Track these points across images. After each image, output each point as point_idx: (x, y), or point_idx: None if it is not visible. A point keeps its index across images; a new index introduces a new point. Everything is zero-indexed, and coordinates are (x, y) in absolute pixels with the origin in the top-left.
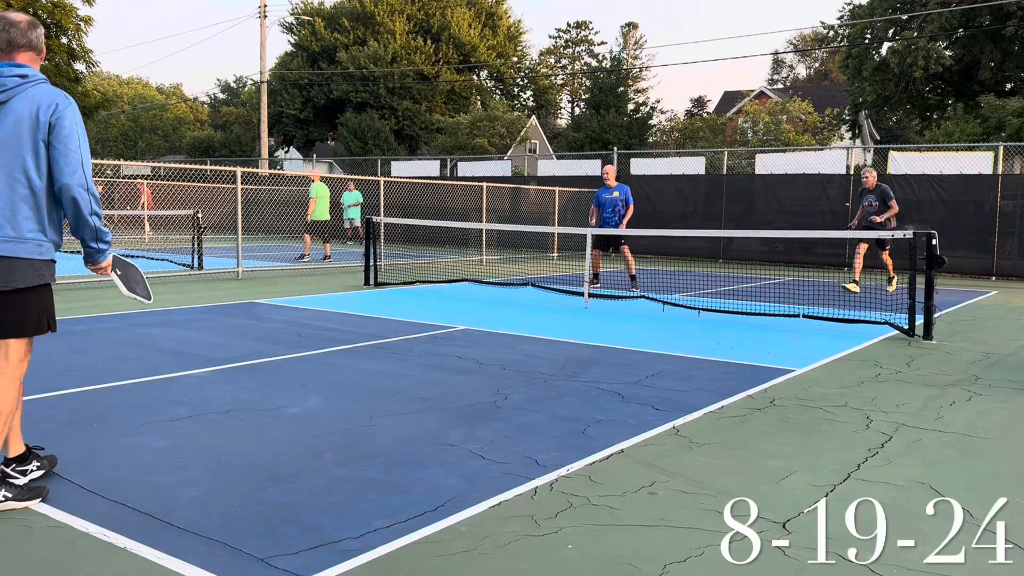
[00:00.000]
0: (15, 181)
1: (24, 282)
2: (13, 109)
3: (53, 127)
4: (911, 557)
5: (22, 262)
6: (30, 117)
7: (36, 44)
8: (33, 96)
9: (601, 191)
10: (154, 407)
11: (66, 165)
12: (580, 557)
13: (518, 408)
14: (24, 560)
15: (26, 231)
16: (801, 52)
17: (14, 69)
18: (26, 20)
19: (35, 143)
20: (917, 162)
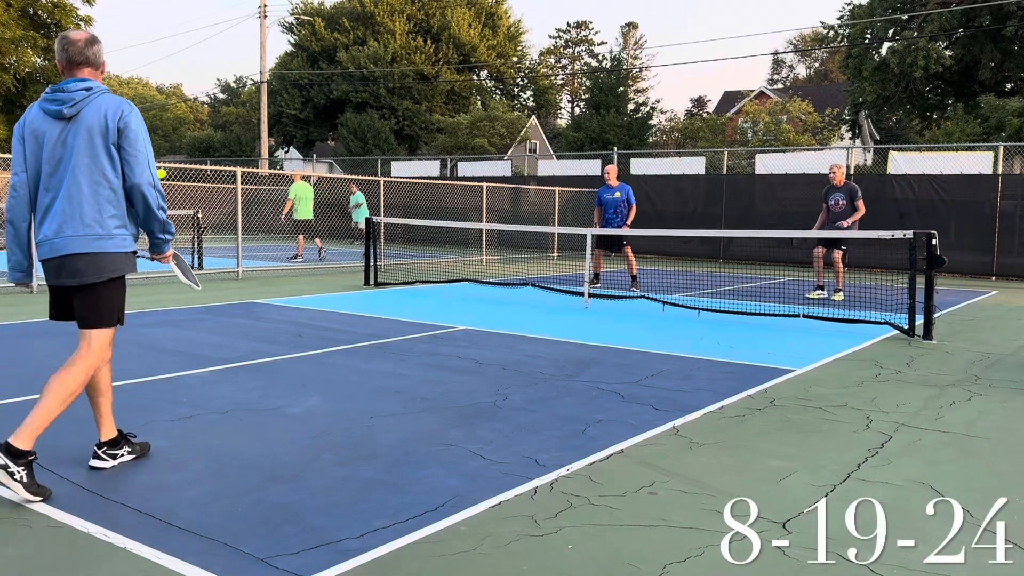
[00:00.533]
0: (97, 184)
1: (112, 273)
2: (84, 119)
3: (122, 132)
4: (911, 557)
5: (112, 256)
6: (100, 125)
7: (93, 59)
8: (100, 105)
9: (603, 191)
10: (154, 407)
11: (136, 166)
12: (580, 557)
13: (518, 408)
14: (24, 560)
15: (112, 228)
16: (801, 52)
17: (79, 83)
18: (83, 38)
19: (108, 148)
20: (917, 162)
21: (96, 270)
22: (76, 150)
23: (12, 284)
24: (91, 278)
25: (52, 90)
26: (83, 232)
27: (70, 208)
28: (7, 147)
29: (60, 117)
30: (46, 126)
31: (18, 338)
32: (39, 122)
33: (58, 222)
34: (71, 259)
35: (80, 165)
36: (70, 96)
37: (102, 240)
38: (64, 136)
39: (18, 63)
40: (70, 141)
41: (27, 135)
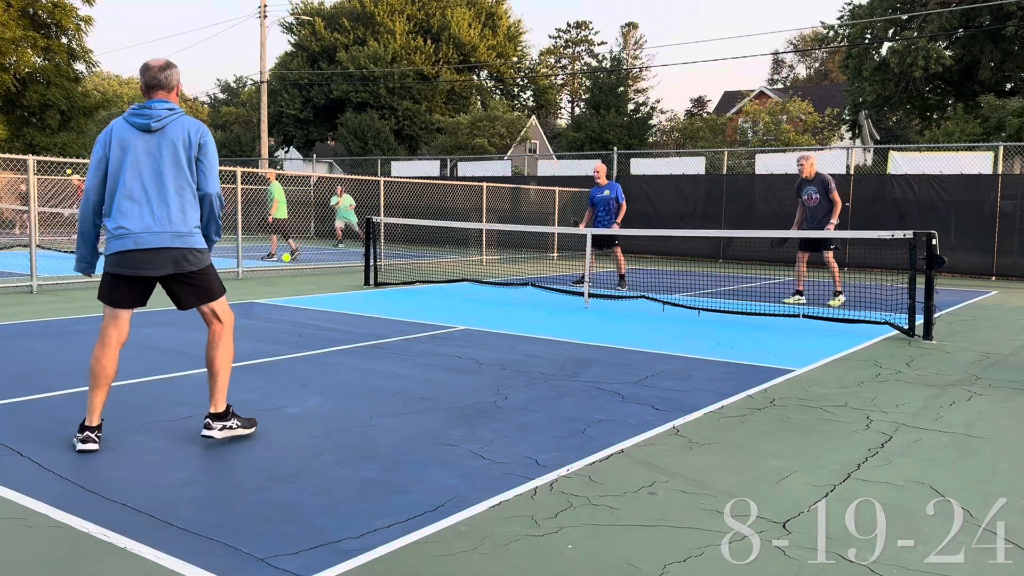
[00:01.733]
0: (182, 189)
1: (204, 262)
2: (169, 134)
3: (201, 147)
4: (911, 557)
5: (199, 249)
6: (184, 140)
7: (167, 83)
8: (182, 124)
9: (593, 191)
10: (154, 407)
11: (210, 176)
12: (580, 557)
13: (518, 408)
14: (24, 560)
15: (192, 227)
16: (801, 52)
17: (162, 104)
18: (158, 64)
19: (190, 160)
20: (917, 162)
21: (194, 260)
22: (163, 160)
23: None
24: (194, 266)
25: (139, 107)
26: (171, 230)
27: (158, 209)
28: (7, 147)
29: (146, 130)
30: (132, 136)
31: (18, 338)
32: (125, 133)
33: (145, 220)
34: (160, 253)
35: (167, 173)
36: (156, 113)
37: (187, 237)
38: (151, 147)
39: (18, 63)
40: (156, 152)
41: (113, 143)
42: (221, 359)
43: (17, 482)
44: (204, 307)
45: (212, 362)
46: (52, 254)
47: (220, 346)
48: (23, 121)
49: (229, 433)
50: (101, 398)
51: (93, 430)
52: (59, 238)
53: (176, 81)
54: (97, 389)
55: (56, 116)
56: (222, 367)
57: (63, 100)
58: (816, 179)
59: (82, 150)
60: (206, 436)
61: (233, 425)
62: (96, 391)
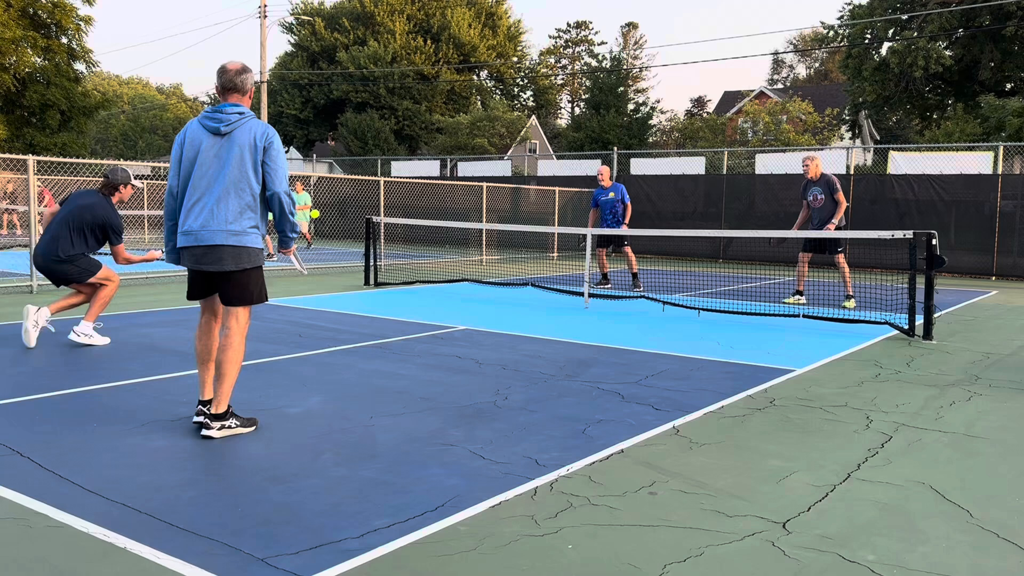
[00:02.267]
0: (241, 191)
1: (249, 263)
2: (236, 138)
3: (267, 150)
4: (911, 557)
5: (248, 249)
6: (250, 144)
7: (242, 87)
8: (250, 128)
9: (598, 192)
10: (154, 407)
11: (277, 177)
12: (580, 557)
13: (518, 408)
14: (24, 560)
15: (247, 227)
16: (801, 52)
17: (233, 108)
18: (234, 68)
19: (255, 163)
20: (917, 162)
21: (236, 260)
22: (228, 162)
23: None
24: (233, 266)
25: (212, 110)
26: (225, 228)
27: (216, 208)
28: (7, 148)
29: (217, 133)
30: (203, 138)
31: (18, 338)
32: (198, 134)
33: (204, 218)
34: (214, 249)
35: (230, 175)
36: (227, 117)
37: (240, 236)
38: (218, 149)
39: (18, 63)
40: (223, 154)
41: (186, 144)
42: (230, 361)
43: (17, 482)
44: (233, 308)
45: (221, 364)
46: None
47: (230, 349)
48: (23, 121)
49: (228, 432)
50: (207, 374)
51: (206, 403)
52: None
53: (250, 85)
54: (201, 366)
55: (56, 116)
56: (230, 370)
57: (63, 100)
58: (821, 180)
59: (82, 150)
60: (205, 436)
61: (232, 424)
62: (200, 368)
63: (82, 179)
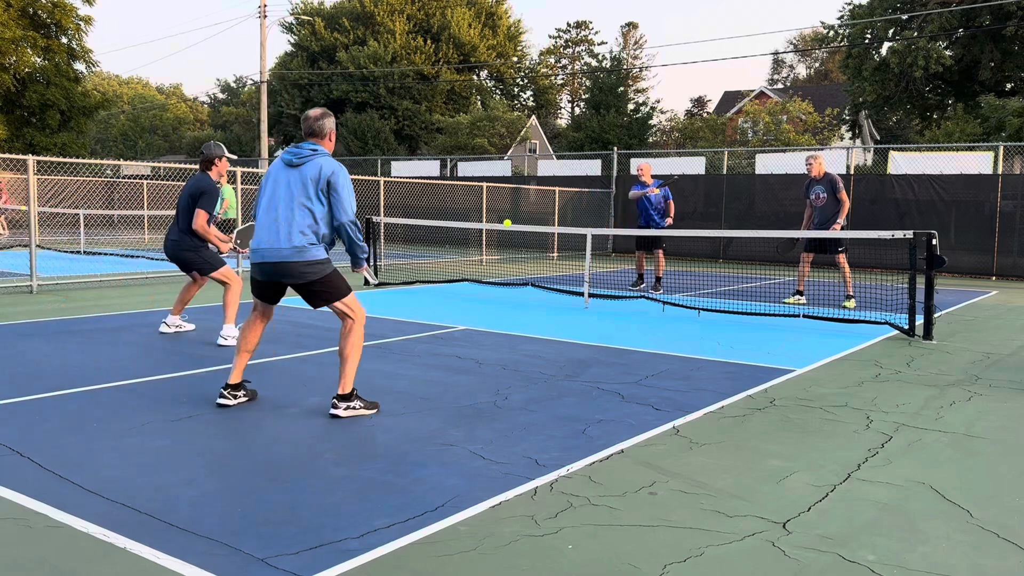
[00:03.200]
0: (306, 214)
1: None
2: (305, 171)
3: (331, 184)
4: (911, 557)
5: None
6: (313, 176)
7: (319, 131)
8: (317, 163)
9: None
10: (154, 407)
11: (341, 209)
12: (580, 557)
13: (518, 408)
14: (24, 560)
15: (309, 242)
16: (801, 52)
17: (310, 146)
18: (315, 115)
19: (317, 192)
20: (917, 162)
21: (310, 272)
22: (295, 189)
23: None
24: (312, 276)
25: (293, 147)
26: (289, 246)
27: (282, 228)
28: (7, 148)
29: (291, 165)
30: (280, 170)
31: (18, 338)
32: (276, 168)
33: (271, 238)
34: (281, 266)
35: (296, 200)
36: (301, 152)
37: (303, 251)
38: (290, 178)
39: (18, 63)
40: (293, 182)
41: (270, 175)
42: (350, 347)
43: (17, 482)
44: (333, 305)
45: (342, 350)
46: (52, 254)
47: (350, 337)
48: (23, 121)
49: (352, 413)
50: (241, 362)
51: (228, 387)
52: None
53: (328, 129)
54: (239, 355)
55: (56, 116)
56: (351, 355)
57: (63, 100)
58: (824, 179)
59: (82, 150)
60: (333, 415)
61: (356, 405)
62: (239, 356)
63: (82, 179)
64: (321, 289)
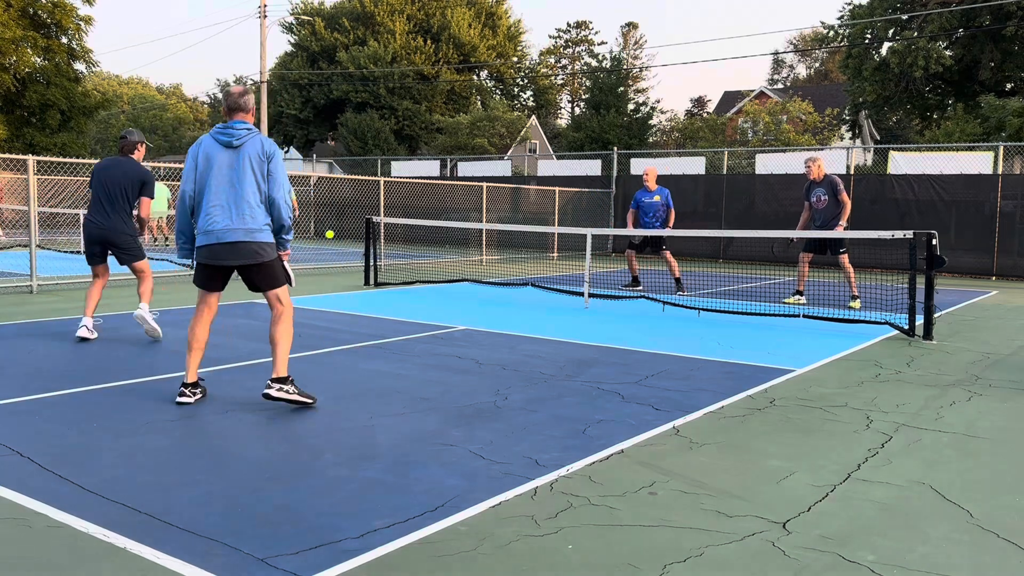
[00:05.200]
0: (255, 195)
1: (271, 255)
2: (246, 150)
3: (271, 160)
4: (911, 557)
5: (267, 243)
6: (257, 155)
7: (245, 106)
8: (255, 141)
9: (641, 193)
10: (154, 407)
11: (276, 184)
12: (580, 557)
13: (518, 408)
14: (24, 560)
15: (263, 224)
16: (801, 52)
17: (242, 124)
18: (238, 91)
19: (262, 171)
20: (917, 162)
21: (260, 253)
22: (241, 171)
23: (183, 263)
24: (263, 258)
25: (223, 126)
26: (243, 227)
27: (237, 210)
28: (7, 148)
29: (229, 146)
30: (216, 151)
31: (18, 338)
32: (211, 148)
33: (227, 220)
34: (238, 245)
35: (243, 181)
36: (237, 132)
37: (260, 232)
38: (232, 160)
39: (18, 63)
40: (237, 164)
41: (200, 156)
42: (280, 334)
43: (17, 482)
44: (269, 292)
45: (272, 336)
46: (52, 254)
47: (280, 324)
48: (23, 121)
49: (284, 395)
50: (195, 360)
51: (188, 386)
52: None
53: (252, 104)
54: (191, 353)
55: (56, 116)
56: (280, 340)
57: (63, 100)
58: (825, 181)
59: (82, 150)
60: (265, 395)
61: (289, 390)
62: (191, 354)
63: (82, 179)
64: (267, 273)
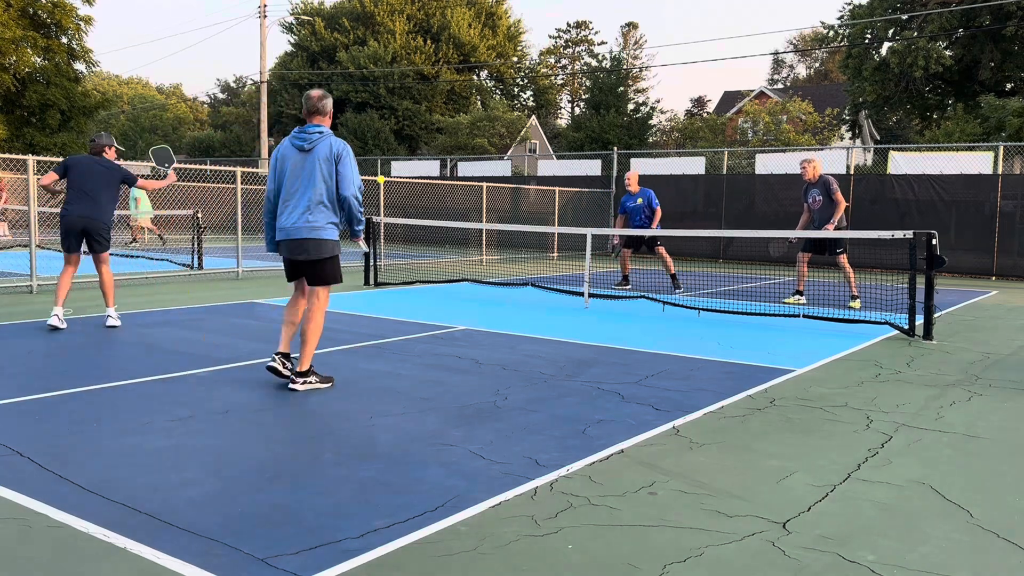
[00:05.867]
0: (321, 194)
1: (327, 253)
2: (316, 153)
3: (339, 160)
4: (911, 557)
5: (326, 241)
6: (326, 157)
7: (323, 110)
8: (325, 144)
9: (625, 199)
10: (154, 407)
11: (345, 183)
12: (580, 557)
13: (518, 408)
14: (24, 560)
15: (325, 223)
16: (801, 52)
17: (315, 128)
18: (317, 94)
19: (330, 171)
20: (917, 162)
21: (318, 251)
22: (313, 172)
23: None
24: (315, 256)
25: (299, 130)
26: (307, 225)
27: (303, 209)
28: (7, 147)
29: (302, 149)
30: (291, 154)
31: (18, 338)
32: (288, 151)
33: (295, 217)
34: (301, 242)
35: (312, 183)
36: (310, 136)
37: (322, 230)
38: (304, 162)
39: (18, 63)
40: (308, 166)
41: (279, 159)
42: (311, 331)
43: (17, 482)
44: (318, 288)
45: (304, 331)
46: (52, 254)
47: (311, 320)
48: (23, 121)
49: (309, 386)
50: (288, 333)
51: (279, 355)
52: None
53: (329, 108)
54: (285, 327)
55: (56, 116)
56: (310, 337)
57: (63, 100)
58: (819, 182)
59: (82, 150)
60: (292, 389)
61: (312, 380)
62: (286, 327)
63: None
64: (320, 269)
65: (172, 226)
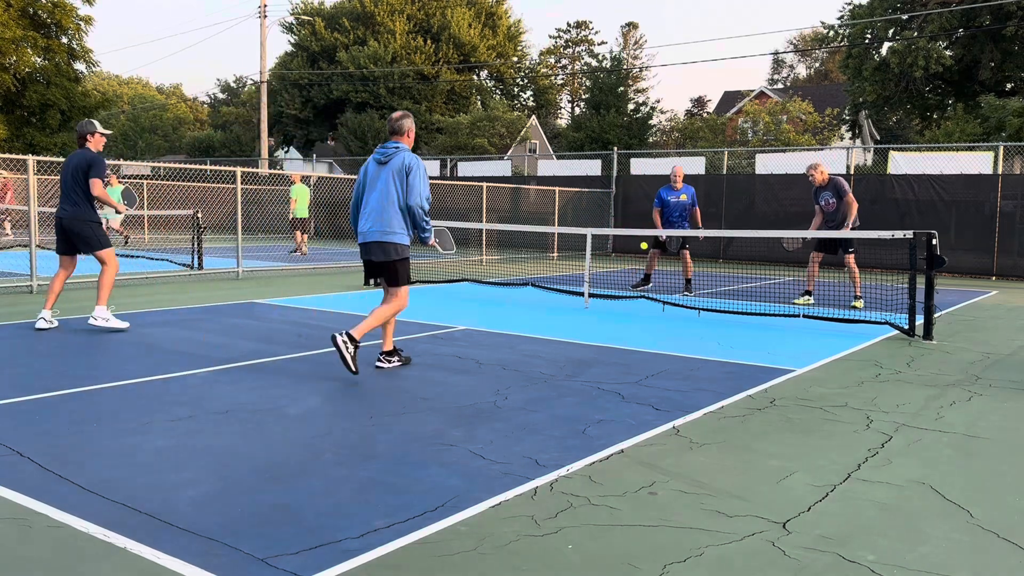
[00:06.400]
0: (393, 203)
1: (399, 256)
2: (391, 166)
3: (409, 172)
4: (911, 557)
5: (398, 244)
6: (398, 170)
7: (400, 129)
8: (399, 158)
9: (666, 191)
10: (154, 407)
11: (412, 193)
12: (580, 557)
13: (518, 408)
14: (24, 560)
15: (397, 228)
16: (801, 52)
17: (393, 144)
18: (398, 115)
19: (401, 182)
20: (917, 162)
21: (387, 254)
22: (384, 183)
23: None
24: (385, 258)
25: (381, 146)
26: (381, 230)
27: (377, 217)
28: (7, 147)
29: (380, 163)
30: (373, 167)
31: (18, 338)
32: (370, 165)
33: (371, 222)
34: (374, 246)
35: (386, 193)
36: (387, 151)
37: (393, 235)
38: (381, 175)
39: (18, 63)
40: (384, 177)
41: (363, 172)
42: (379, 313)
43: (17, 482)
44: (391, 287)
45: (374, 311)
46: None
47: (384, 308)
48: (23, 121)
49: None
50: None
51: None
52: None
53: (408, 127)
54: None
55: (56, 116)
56: (374, 317)
57: (63, 100)
58: (830, 184)
59: None
60: (379, 367)
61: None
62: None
63: None
64: (392, 271)
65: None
